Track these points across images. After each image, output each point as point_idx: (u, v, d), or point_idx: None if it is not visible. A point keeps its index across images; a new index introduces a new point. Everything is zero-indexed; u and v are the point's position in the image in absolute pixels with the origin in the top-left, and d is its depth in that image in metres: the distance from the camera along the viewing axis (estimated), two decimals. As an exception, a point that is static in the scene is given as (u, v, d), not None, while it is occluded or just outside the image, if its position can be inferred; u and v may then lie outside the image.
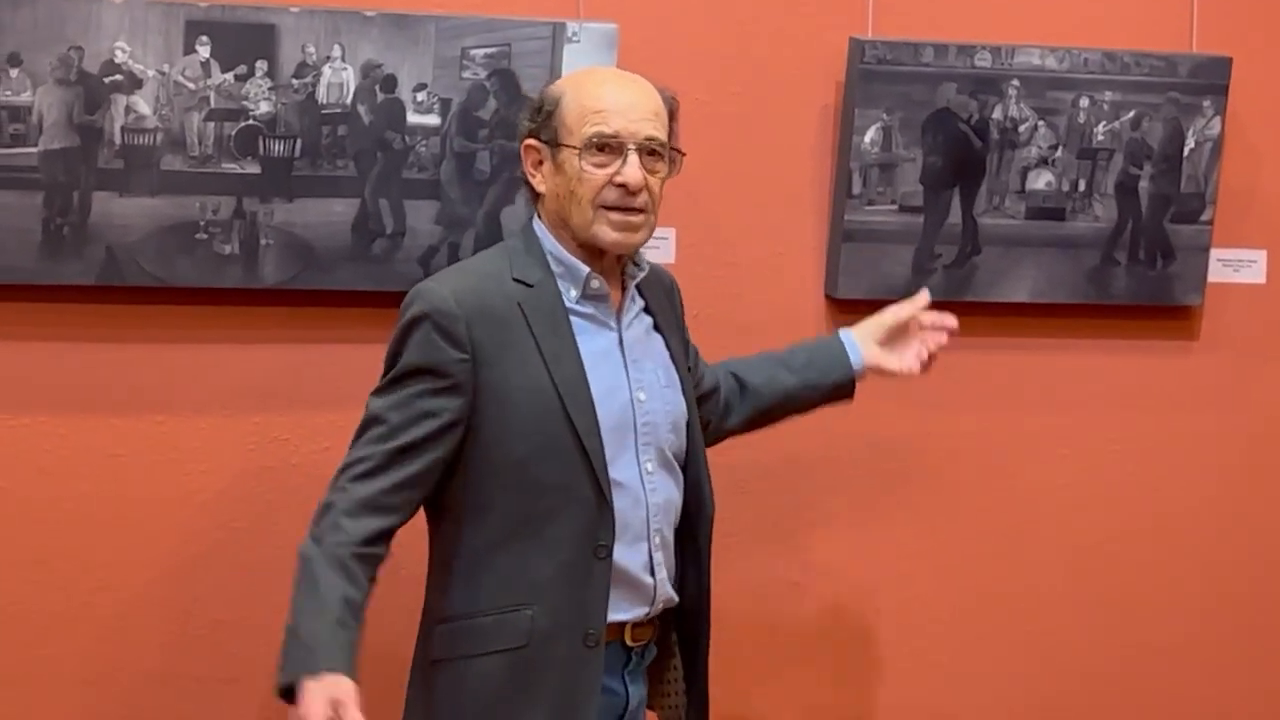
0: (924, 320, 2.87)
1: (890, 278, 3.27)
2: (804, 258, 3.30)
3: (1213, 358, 3.54)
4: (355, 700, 2.25)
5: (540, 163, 2.50)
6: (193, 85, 2.90)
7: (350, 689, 2.27)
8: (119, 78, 2.86)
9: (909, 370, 2.84)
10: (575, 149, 2.44)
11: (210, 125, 2.91)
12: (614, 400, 2.48)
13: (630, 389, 2.50)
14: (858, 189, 3.23)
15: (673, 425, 2.55)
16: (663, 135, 2.48)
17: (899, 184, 3.25)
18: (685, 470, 2.59)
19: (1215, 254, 3.45)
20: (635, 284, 2.56)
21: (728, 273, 3.25)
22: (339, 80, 2.96)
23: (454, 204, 3.03)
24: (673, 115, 2.53)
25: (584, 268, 2.49)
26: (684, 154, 2.54)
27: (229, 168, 2.93)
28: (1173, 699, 3.57)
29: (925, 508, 3.42)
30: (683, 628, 2.62)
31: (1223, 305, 3.51)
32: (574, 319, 2.49)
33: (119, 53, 2.85)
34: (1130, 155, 3.35)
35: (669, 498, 2.55)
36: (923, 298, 2.91)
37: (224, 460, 3.02)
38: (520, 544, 2.43)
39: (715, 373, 2.83)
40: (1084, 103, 3.31)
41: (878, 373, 2.86)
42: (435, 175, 3.02)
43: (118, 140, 2.87)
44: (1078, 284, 3.37)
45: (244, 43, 2.90)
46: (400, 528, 2.44)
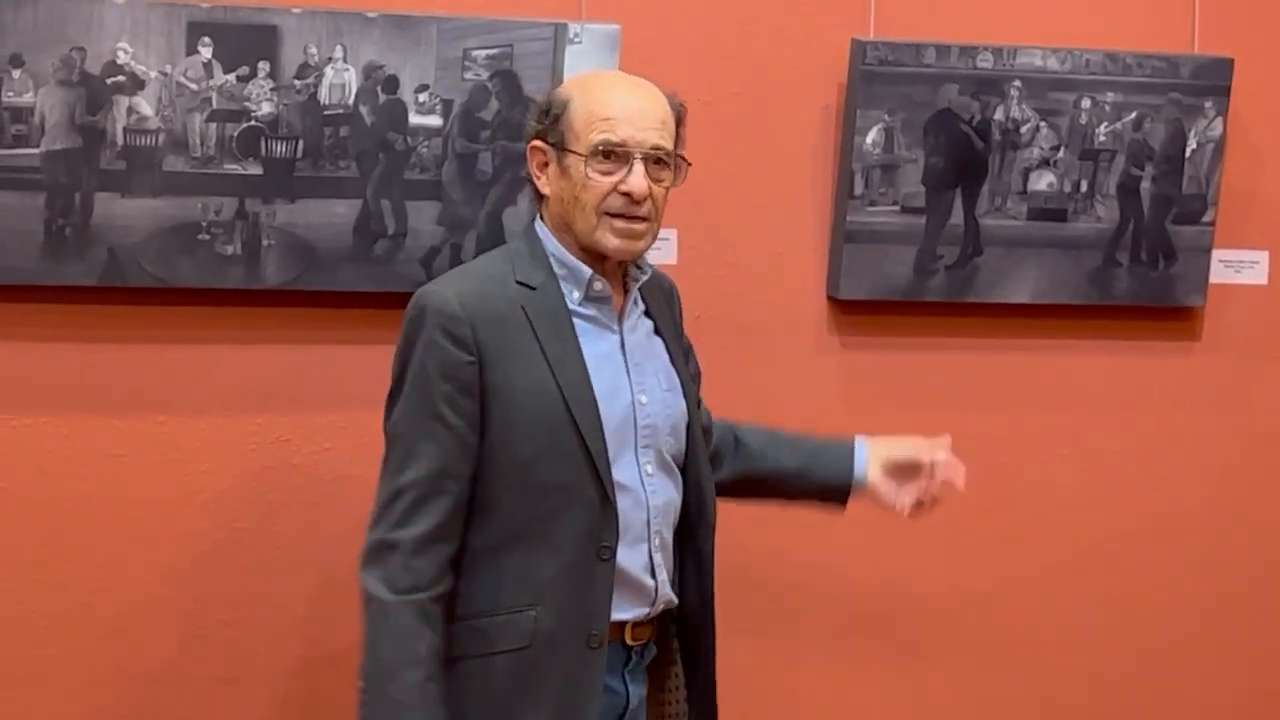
0: (938, 460, 2.74)
1: (892, 278, 3.27)
2: (805, 258, 3.30)
3: (1214, 358, 3.54)
4: None
5: (546, 165, 2.49)
6: (195, 86, 2.90)
7: None
8: (121, 79, 2.86)
9: (901, 509, 2.73)
10: (581, 155, 2.44)
11: (212, 126, 2.91)
12: (616, 402, 2.47)
13: (632, 392, 2.50)
14: (859, 190, 3.23)
15: (672, 429, 2.55)
16: (669, 144, 2.47)
17: (901, 185, 3.25)
18: (685, 473, 2.58)
19: (1217, 255, 3.45)
20: (638, 288, 2.56)
21: (729, 273, 3.25)
22: (341, 81, 2.96)
23: (456, 205, 3.03)
24: (680, 121, 2.52)
25: (586, 269, 2.48)
26: (690, 163, 2.53)
27: (231, 169, 2.93)
28: (1174, 699, 3.57)
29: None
30: (684, 634, 2.61)
31: (1224, 306, 3.51)
32: (576, 321, 2.48)
33: (121, 54, 2.85)
34: (1132, 156, 3.35)
35: (669, 500, 2.55)
36: (945, 440, 2.77)
37: (225, 461, 3.03)
38: (524, 545, 2.43)
39: (716, 423, 2.79)
40: (1086, 104, 3.31)
41: (871, 497, 2.75)
42: (437, 176, 3.02)
43: (120, 141, 2.87)
44: (1079, 285, 3.37)
45: (246, 44, 2.90)
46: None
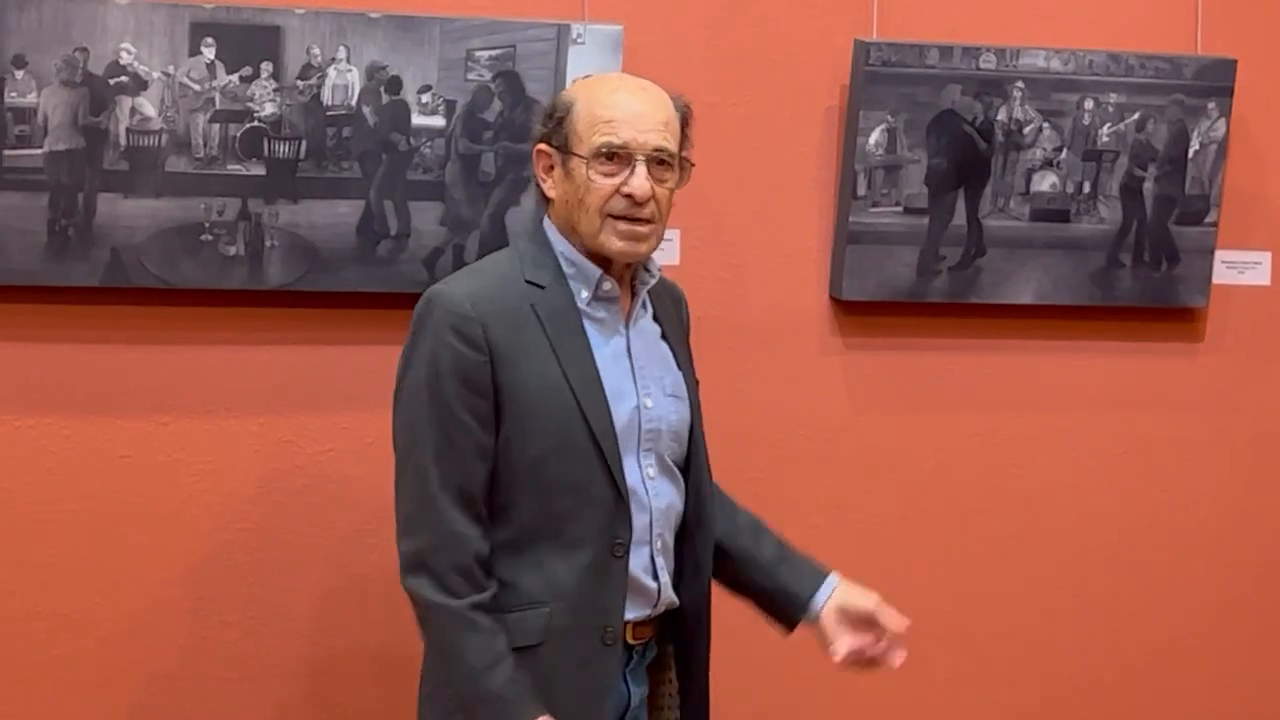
0: (889, 629, 2.58)
1: (895, 279, 3.27)
2: (809, 259, 3.30)
3: (1217, 359, 3.54)
4: None
5: (551, 168, 2.49)
6: (198, 87, 2.90)
7: None
8: (124, 79, 2.86)
9: (833, 653, 2.57)
10: (584, 158, 2.44)
11: (215, 127, 2.91)
12: (620, 404, 2.47)
13: (637, 395, 2.49)
14: (862, 191, 3.23)
15: (675, 434, 2.55)
16: (672, 146, 2.46)
17: (904, 186, 3.25)
18: (686, 478, 2.58)
19: (1220, 256, 3.45)
20: (646, 291, 2.55)
21: (732, 274, 3.25)
22: (344, 82, 2.96)
23: (458, 205, 3.03)
24: (686, 123, 2.51)
25: (596, 269, 2.48)
26: (694, 164, 2.53)
27: (234, 169, 2.93)
28: (1178, 700, 3.57)
29: (930, 509, 3.42)
30: (679, 635, 2.60)
31: (1227, 307, 3.51)
32: (584, 321, 2.48)
33: (124, 54, 2.85)
34: (1135, 157, 3.35)
35: (670, 503, 2.55)
36: (902, 623, 2.59)
37: (229, 462, 3.02)
38: (538, 543, 2.43)
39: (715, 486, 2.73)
40: (1089, 104, 3.31)
41: (816, 631, 2.61)
42: (440, 177, 3.02)
43: (123, 142, 2.87)
44: (1082, 286, 3.37)
45: (249, 44, 2.90)
46: None
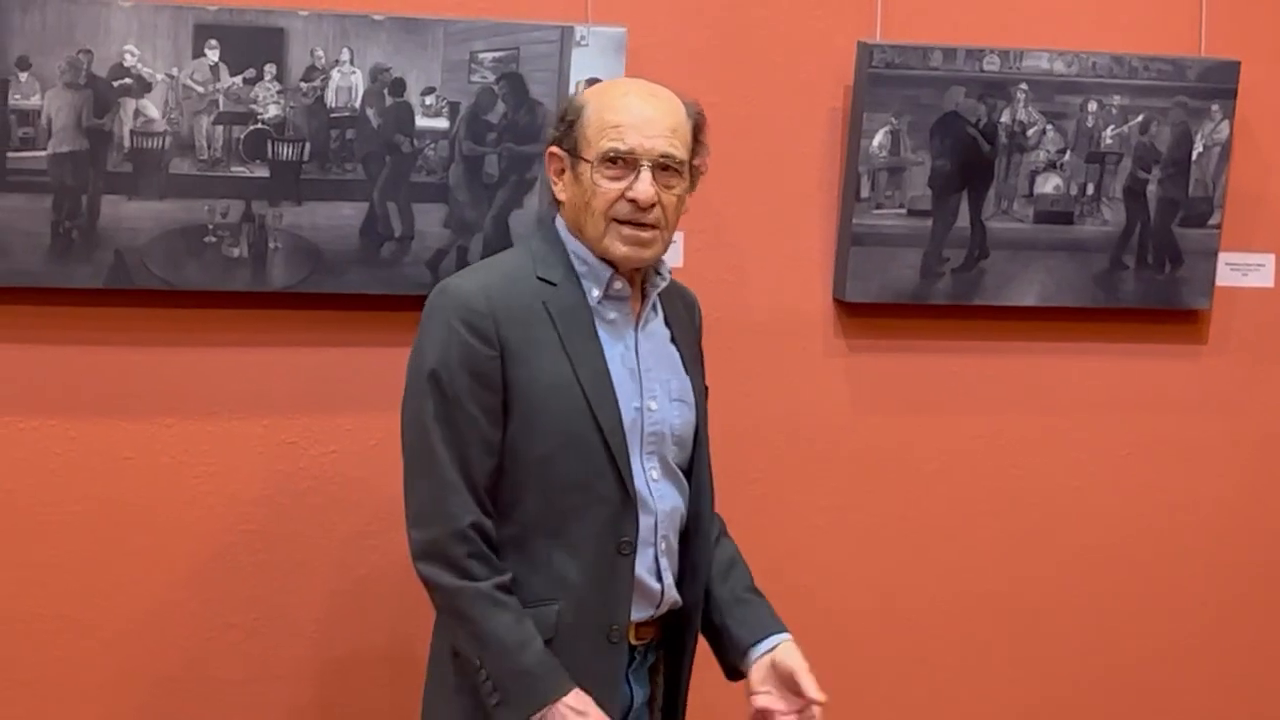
0: (807, 695, 2.51)
1: (899, 281, 3.27)
2: (812, 261, 3.30)
3: (1221, 361, 3.54)
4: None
5: (563, 171, 2.50)
6: (201, 89, 2.90)
7: (591, 702, 2.41)
8: (128, 81, 2.86)
9: (751, 699, 2.55)
10: (590, 162, 2.44)
11: (219, 129, 2.91)
12: (625, 405, 2.47)
13: (642, 397, 2.50)
14: (866, 192, 3.23)
15: (678, 438, 2.55)
16: (680, 153, 2.46)
17: (907, 188, 3.25)
18: (690, 481, 2.58)
19: (1223, 258, 3.45)
20: (656, 293, 2.55)
21: (735, 276, 3.25)
22: (347, 84, 2.96)
23: (462, 207, 3.03)
24: (699, 130, 2.52)
25: (607, 268, 2.48)
26: (703, 171, 2.54)
27: (237, 171, 2.93)
28: (1182, 701, 3.57)
29: (933, 510, 3.42)
30: (674, 635, 2.61)
31: (1231, 309, 3.51)
32: (594, 320, 2.48)
33: (128, 56, 2.85)
34: (1138, 159, 3.35)
35: (675, 505, 2.55)
36: (818, 694, 2.51)
37: (233, 463, 3.02)
38: (545, 540, 2.44)
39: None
40: (1092, 106, 3.31)
41: (744, 683, 2.58)
42: (443, 179, 3.02)
43: (126, 144, 2.87)
44: (1086, 288, 3.37)
45: (253, 46, 2.90)
46: None
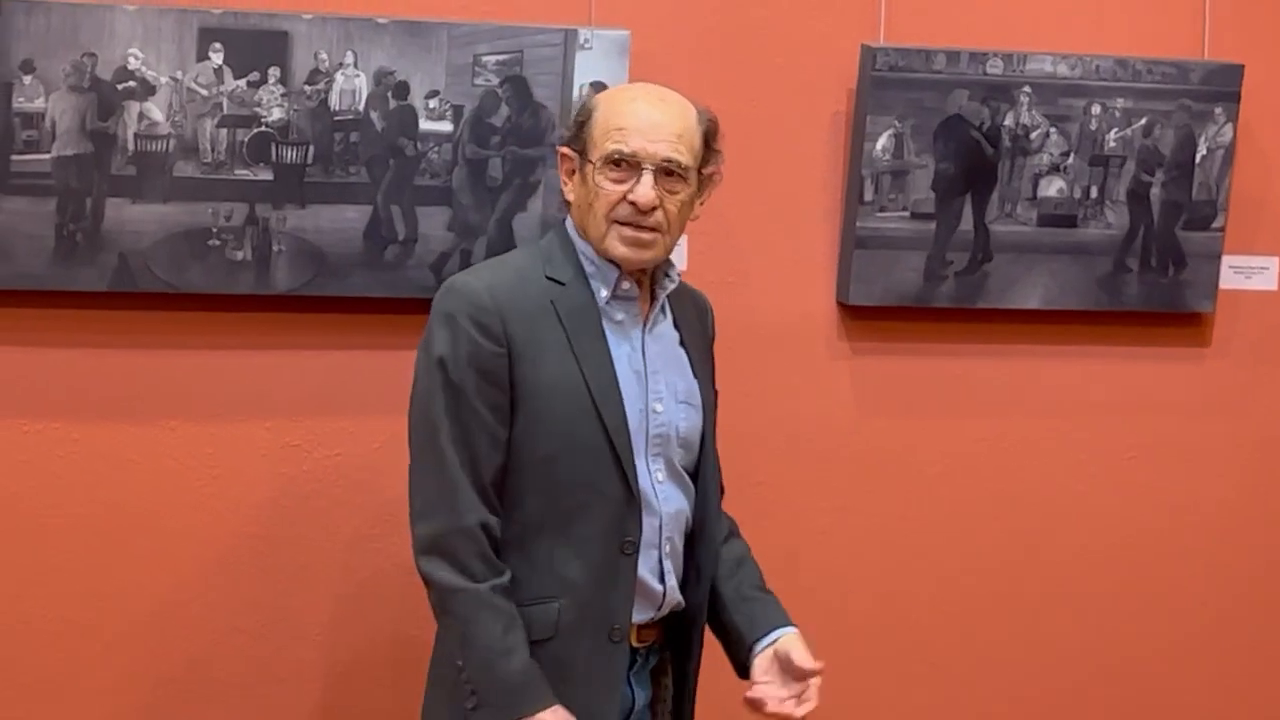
0: (803, 668, 2.53)
1: (902, 284, 3.27)
2: (815, 264, 3.29)
3: (1224, 364, 3.54)
4: None
5: (573, 172, 2.51)
6: (205, 92, 2.90)
7: (570, 717, 2.41)
8: (132, 84, 2.86)
9: (748, 691, 2.54)
10: (594, 164, 2.45)
11: (223, 132, 2.91)
12: (631, 406, 2.47)
13: (647, 398, 2.50)
14: (869, 196, 3.23)
15: (684, 441, 2.55)
16: (684, 158, 2.46)
17: (911, 191, 3.25)
18: (696, 484, 2.58)
19: (1227, 261, 3.45)
20: (665, 295, 2.56)
21: (739, 279, 3.25)
22: (351, 87, 2.96)
23: (466, 210, 3.03)
24: (711, 137, 2.52)
25: (615, 268, 2.49)
26: (718, 180, 2.55)
27: (241, 174, 2.93)
28: (1186, 703, 3.58)
29: (937, 513, 3.42)
30: (679, 638, 2.62)
31: (1234, 312, 3.51)
32: (602, 320, 2.49)
33: (132, 59, 2.85)
34: (1142, 162, 3.35)
35: (680, 508, 2.55)
36: (812, 663, 2.53)
37: (237, 466, 3.03)
38: (548, 539, 2.44)
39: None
40: (1096, 109, 3.31)
41: (747, 674, 2.59)
42: (447, 182, 3.02)
43: (130, 147, 2.87)
44: (1089, 291, 3.37)
45: (257, 49, 2.90)
46: None
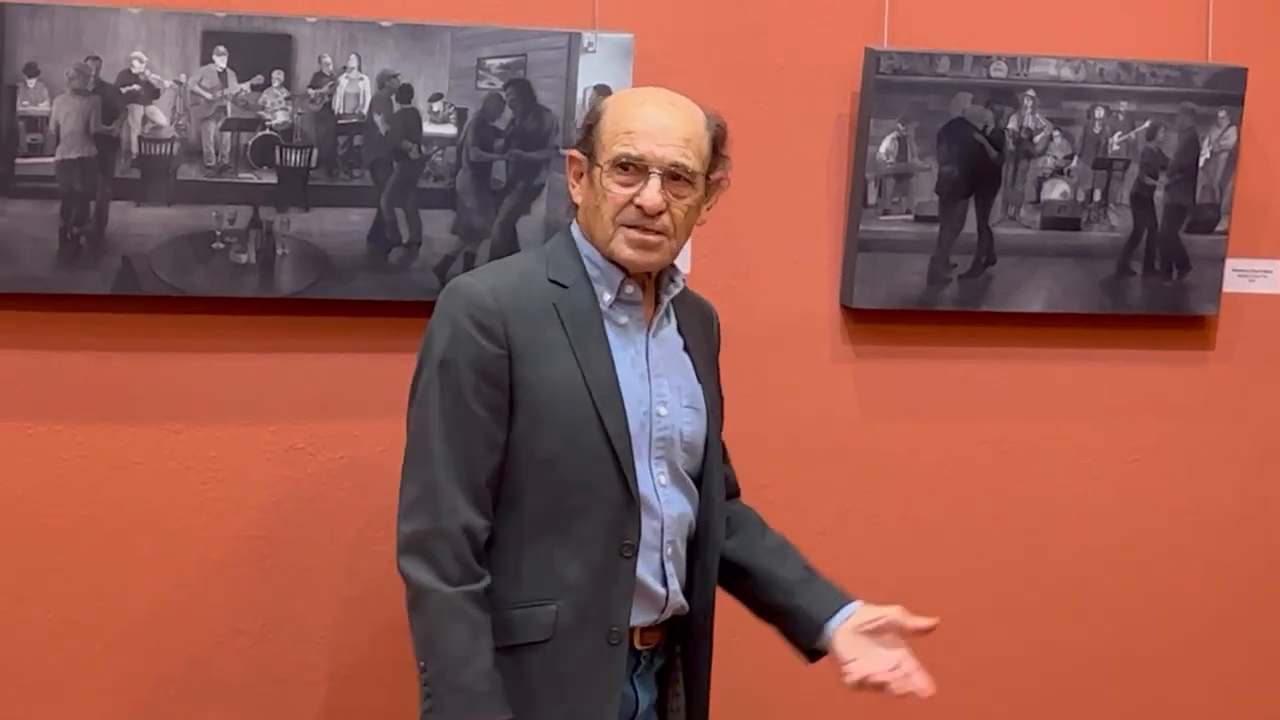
0: (908, 628, 2.53)
1: (906, 287, 3.27)
2: (819, 267, 3.30)
3: (1228, 367, 3.54)
4: None
5: (581, 175, 2.52)
6: (209, 95, 2.90)
7: None
8: (136, 88, 2.86)
9: (845, 673, 2.53)
10: (602, 166, 2.46)
11: (227, 135, 2.92)
12: (634, 409, 2.48)
13: (651, 401, 2.50)
14: (873, 199, 3.23)
15: (688, 445, 2.55)
16: (692, 163, 2.47)
17: (914, 194, 3.25)
18: (699, 490, 2.58)
19: (1230, 264, 3.45)
20: (669, 300, 2.56)
21: (743, 282, 3.25)
22: (355, 90, 2.96)
23: (470, 214, 3.03)
24: (719, 142, 2.53)
25: (619, 272, 2.50)
26: (725, 185, 2.55)
27: (245, 177, 2.93)
28: (1188, 706, 3.57)
29: (940, 516, 3.42)
30: (686, 645, 2.62)
31: (1238, 315, 3.51)
32: (605, 324, 2.49)
33: (136, 63, 2.86)
34: (1146, 165, 3.35)
35: (683, 512, 2.56)
36: (924, 621, 2.53)
37: (240, 469, 3.03)
38: (547, 540, 2.44)
39: (744, 506, 2.76)
40: (1099, 113, 3.31)
41: (832, 651, 2.57)
42: (451, 185, 3.02)
43: (134, 150, 2.87)
44: (1093, 294, 3.37)
45: (261, 53, 2.91)
46: None
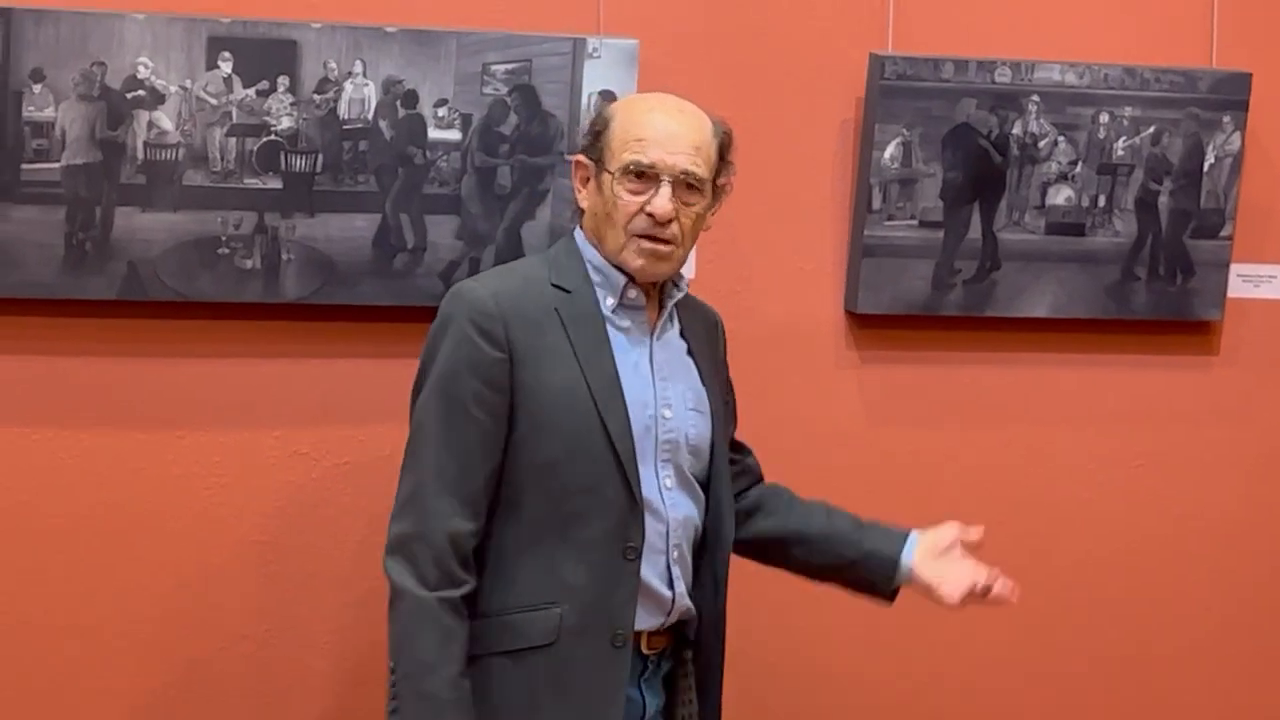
0: (969, 539, 2.70)
1: (910, 293, 3.27)
2: (824, 272, 3.30)
3: (1232, 372, 3.54)
4: None
5: (587, 180, 2.52)
6: (215, 101, 2.90)
7: None
8: (141, 93, 2.86)
9: (944, 599, 2.65)
10: (613, 174, 2.46)
11: (232, 140, 2.92)
12: (638, 413, 2.48)
13: (656, 405, 2.51)
14: (878, 204, 3.23)
15: (693, 448, 2.56)
16: (702, 171, 2.48)
17: (919, 199, 3.25)
18: (706, 494, 2.59)
19: (1235, 269, 3.45)
20: (673, 304, 2.57)
21: (747, 287, 3.25)
22: (360, 96, 2.96)
23: (475, 219, 3.03)
24: (725, 149, 2.54)
25: (622, 276, 2.50)
26: (728, 191, 2.56)
27: (251, 183, 2.93)
28: (1191, 709, 3.57)
29: (944, 521, 3.40)
30: (696, 650, 2.62)
31: (1242, 320, 3.51)
32: (608, 328, 2.50)
33: (141, 68, 2.86)
34: (1150, 170, 3.35)
35: (688, 515, 2.56)
36: (976, 531, 2.72)
37: (245, 475, 3.03)
38: (550, 544, 2.45)
39: (768, 486, 2.79)
40: (1104, 118, 3.31)
41: (916, 583, 2.68)
42: (456, 190, 3.02)
43: (140, 155, 2.88)
44: (1097, 299, 3.37)
45: (266, 58, 2.91)
46: None
